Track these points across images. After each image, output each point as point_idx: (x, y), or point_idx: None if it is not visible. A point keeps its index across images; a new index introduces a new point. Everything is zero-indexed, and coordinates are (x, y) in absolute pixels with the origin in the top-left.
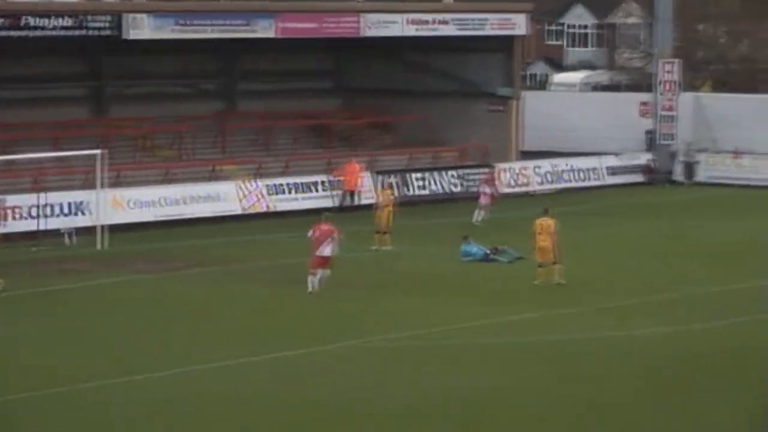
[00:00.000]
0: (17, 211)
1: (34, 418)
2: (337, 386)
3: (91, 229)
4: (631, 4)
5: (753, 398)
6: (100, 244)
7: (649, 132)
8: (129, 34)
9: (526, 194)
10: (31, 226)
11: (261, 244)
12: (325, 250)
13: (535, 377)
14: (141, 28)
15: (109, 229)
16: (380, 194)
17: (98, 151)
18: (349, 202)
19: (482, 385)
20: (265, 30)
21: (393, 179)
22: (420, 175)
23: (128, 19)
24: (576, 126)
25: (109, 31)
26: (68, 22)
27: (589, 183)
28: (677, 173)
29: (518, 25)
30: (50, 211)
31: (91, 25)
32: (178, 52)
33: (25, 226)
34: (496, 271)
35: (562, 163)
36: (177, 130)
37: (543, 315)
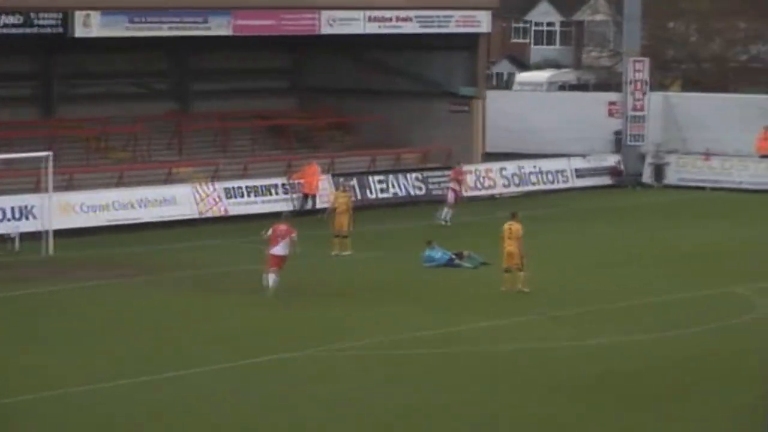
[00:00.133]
0: None
1: None
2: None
3: (37, 234)
4: (599, 1)
5: (709, 410)
6: (45, 250)
7: (617, 133)
8: (77, 32)
9: (491, 197)
10: None
11: (217, 250)
12: (281, 250)
13: (483, 391)
14: (90, 25)
15: (58, 234)
16: (335, 196)
17: (46, 153)
18: (310, 205)
19: (422, 400)
20: (220, 27)
21: (352, 182)
22: (381, 178)
23: (77, 16)
24: (542, 127)
25: (58, 29)
26: (15, 19)
27: (556, 186)
28: (646, 175)
29: (482, 22)
30: None
31: (38, 22)
32: (129, 50)
33: None
34: (460, 277)
35: (528, 165)
36: (131, 132)
37: (501, 323)
